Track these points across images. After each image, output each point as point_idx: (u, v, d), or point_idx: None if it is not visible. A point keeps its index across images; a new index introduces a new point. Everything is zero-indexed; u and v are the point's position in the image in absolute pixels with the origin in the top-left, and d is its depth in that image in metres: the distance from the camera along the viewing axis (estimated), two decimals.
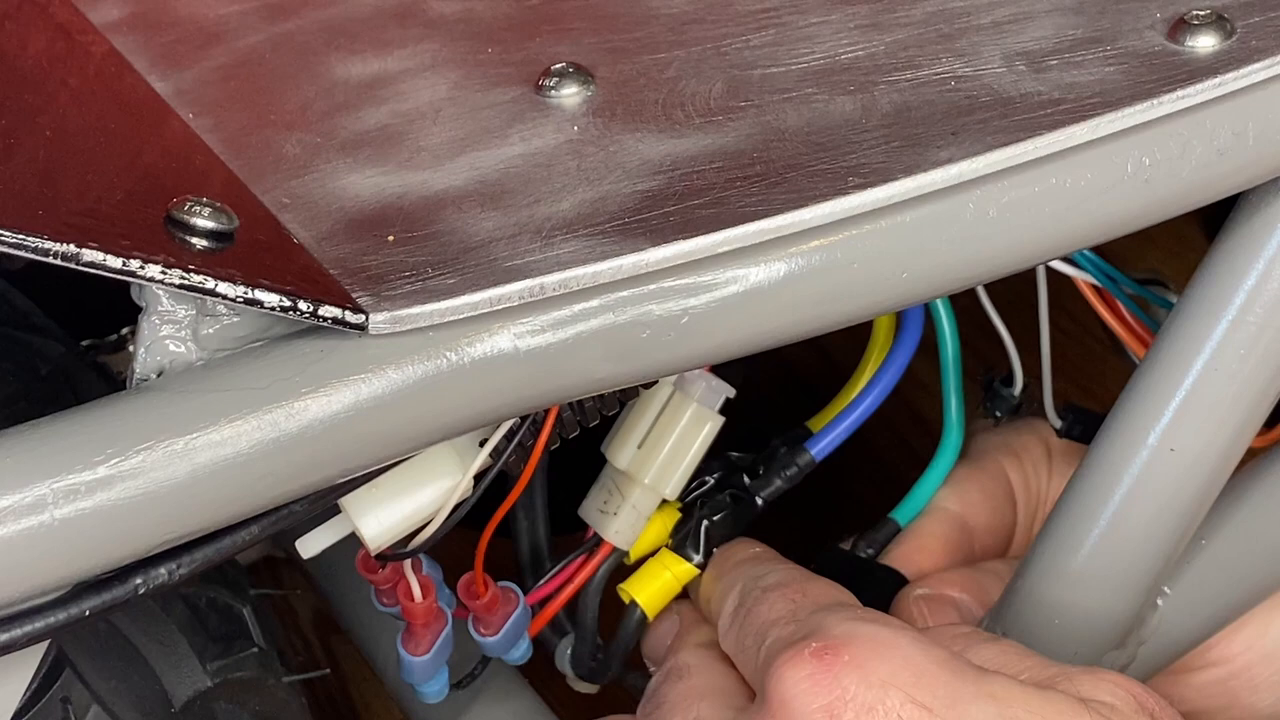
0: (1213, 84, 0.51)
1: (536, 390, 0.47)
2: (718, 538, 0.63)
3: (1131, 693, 0.52)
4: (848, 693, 0.50)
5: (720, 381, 0.62)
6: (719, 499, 0.64)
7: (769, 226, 0.47)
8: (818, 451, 0.64)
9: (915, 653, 0.51)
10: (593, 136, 0.50)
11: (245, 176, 0.49)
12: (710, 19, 0.55)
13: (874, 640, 0.51)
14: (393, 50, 0.54)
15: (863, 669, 0.50)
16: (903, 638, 0.51)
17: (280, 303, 0.44)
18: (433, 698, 0.64)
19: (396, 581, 0.59)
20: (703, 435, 0.62)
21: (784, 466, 0.64)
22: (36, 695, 0.55)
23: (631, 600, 0.63)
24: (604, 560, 0.63)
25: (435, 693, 0.63)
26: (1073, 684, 0.52)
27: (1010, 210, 0.50)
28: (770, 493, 0.64)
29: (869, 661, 0.50)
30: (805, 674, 0.50)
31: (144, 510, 0.43)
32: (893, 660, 0.50)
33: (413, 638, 0.61)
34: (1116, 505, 0.59)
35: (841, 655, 0.50)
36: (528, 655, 0.64)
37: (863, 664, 0.50)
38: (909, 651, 0.51)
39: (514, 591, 0.62)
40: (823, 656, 0.50)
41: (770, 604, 0.56)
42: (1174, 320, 0.57)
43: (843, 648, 0.50)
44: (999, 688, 0.50)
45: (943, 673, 0.50)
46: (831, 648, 0.51)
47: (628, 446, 0.62)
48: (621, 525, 0.62)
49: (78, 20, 0.53)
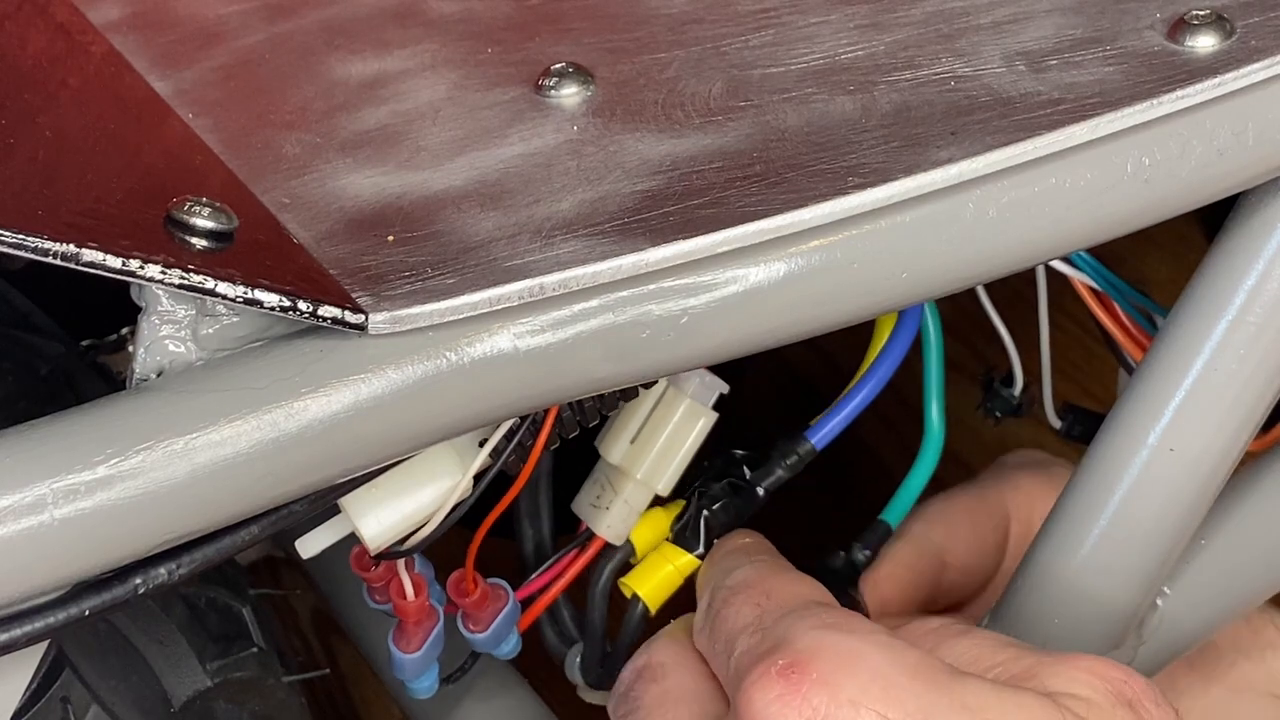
0: (1212, 84, 0.51)
1: (536, 390, 0.47)
2: (718, 528, 0.63)
3: (1108, 679, 0.51)
4: (818, 712, 0.49)
5: (714, 377, 0.62)
6: (718, 488, 0.63)
7: (769, 226, 0.47)
8: (818, 440, 0.64)
9: (884, 664, 0.50)
10: (592, 136, 0.50)
11: (245, 176, 0.49)
12: (710, 19, 0.55)
13: (841, 653, 0.50)
14: (393, 50, 0.54)
15: (831, 686, 0.49)
16: (870, 647, 0.50)
17: (280, 303, 0.44)
18: (423, 693, 0.64)
19: (389, 579, 0.59)
20: (695, 431, 0.62)
21: (784, 456, 0.64)
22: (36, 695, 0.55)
23: (634, 594, 0.63)
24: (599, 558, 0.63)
25: (425, 688, 0.63)
26: (1047, 677, 0.51)
27: (1010, 210, 0.50)
28: (771, 482, 0.64)
29: (837, 677, 0.49)
30: (774, 695, 0.49)
31: (144, 510, 0.43)
32: (861, 675, 0.49)
33: (404, 635, 0.61)
34: (1116, 505, 0.59)
35: (809, 673, 0.49)
36: (516, 650, 0.64)
37: (831, 681, 0.49)
38: (877, 663, 0.50)
39: (503, 588, 0.62)
40: (789, 675, 0.49)
41: (736, 608, 0.56)
42: (1173, 320, 0.57)
43: (809, 663, 0.49)
44: (972, 695, 0.49)
45: (914, 684, 0.49)
46: (799, 665, 0.50)
47: (621, 441, 0.62)
48: (614, 520, 0.62)
49: (78, 20, 0.53)
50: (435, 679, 0.64)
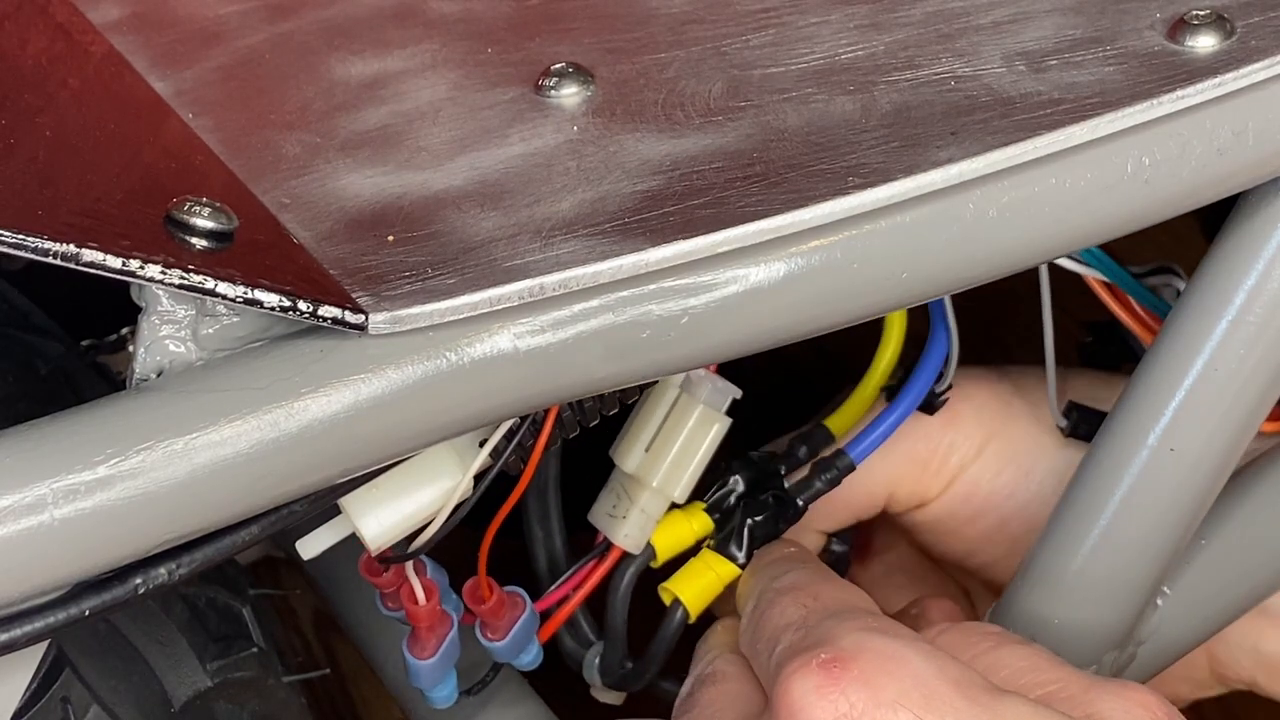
0: (1212, 84, 0.51)
1: (536, 390, 0.47)
2: (760, 537, 0.63)
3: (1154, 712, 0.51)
4: (855, 709, 0.49)
5: (726, 383, 0.62)
6: (762, 499, 0.64)
7: (769, 226, 0.47)
8: (857, 455, 0.65)
9: (926, 670, 0.50)
10: (592, 136, 0.50)
11: (245, 176, 0.49)
12: (710, 19, 0.55)
13: (884, 655, 0.50)
14: (393, 50, 0.54)
15: (871, 685, 0.49)
16: (914, 653, 0.50)
17: (280, 303, 0.44)
18: (441, 703, 0.63)
19: (400, 585, 0.59)
20: (710, 437, 0.62)
21: (824, 470, 0.65)
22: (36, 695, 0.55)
23: (675, 599, 0.63)
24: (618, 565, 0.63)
25: (444, 698, 0.63)
26: (1096, 703, 0.51)
27: (1010, 210, 0.50)
28: (810, 495, 0.65)
29: (878, 678, 0.49)
30: (812, 685, 0.49)
31: (144, 510, 0.43)
32: (903, 678, 0.49)
33: (417, 641, 0.61)
34: (1116, 505, 0.59)
35: (850, 669, 0.49)
36: (538, 660, 0.64)
37: (871, 680, 0.49)
38: (920, 669, 0.50)
39: (521, 596, 0.62)
40: (830, 669, 0.49)
41: (782, 608, 0.56)
42: (1174, 320, 0.57)
43: (852, 660, 0.50)
44: (1011, 713, 0.49)
45: (954, 694, 0.49)
46: (840, 660, 0.50)
47: (635, 450, 0.62)
48: (631, 529, 0.62)
49: (78, 20, 0.53)
50: (454, 688, 0.63)
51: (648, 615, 0.64)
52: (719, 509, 0.64)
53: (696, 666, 0.60)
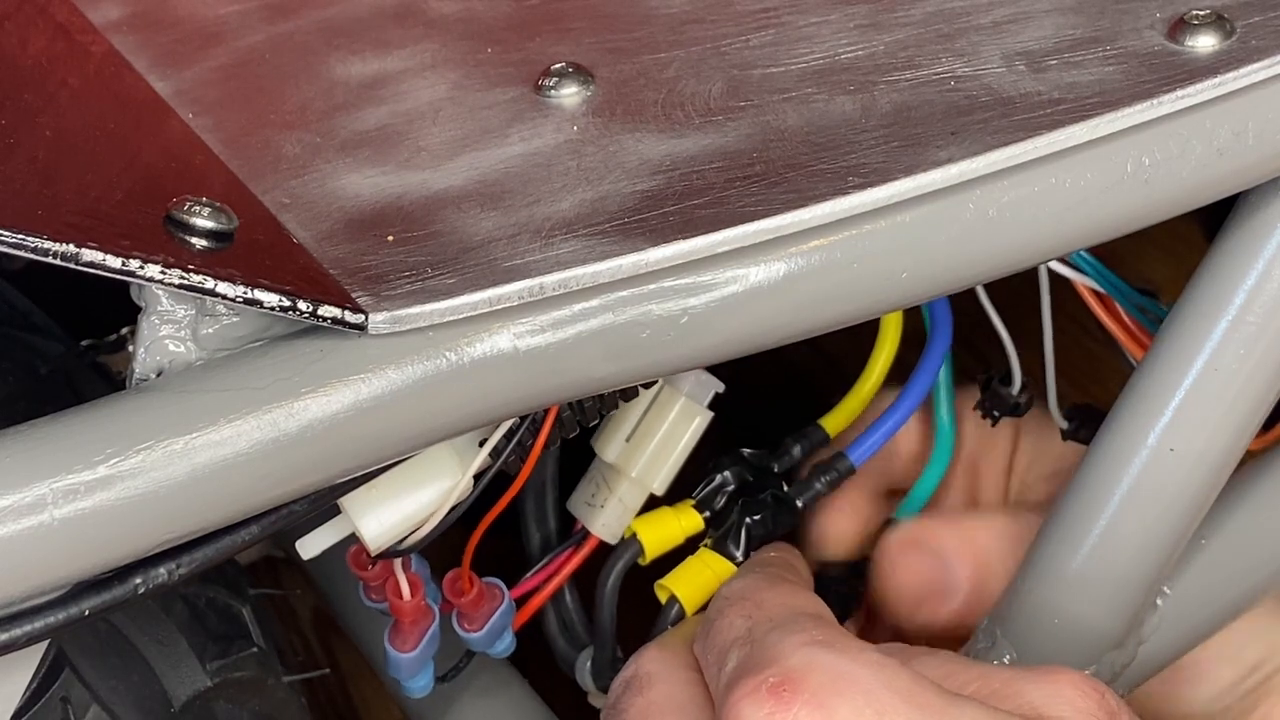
0: (1212, 84, 0.51)
1: (536, 390, 0.47)
2: (759, 537, 0.63)
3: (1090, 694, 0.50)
4: None
5: (709, 376, 0.62)
6: (761, 499, 0.64)
7: (769, 226, 0.47)
8: (856, 458, 0.65)
9: (875, 685, 0.49)
10: (592, 136, 0.50)
11: (245, 176, 0.49)
12: (710, 19, 0.55)
13: (833, 673, 0.49)
14: (392, 50, 0.54)
15: (824, 707, 0.48)
16: (861, 668, 0.49)
17: (280, 303, 0.44)
18: (418, 692, 0.64)
19: (386, 578, 0.59)
20: (691, 429, 0.62)
21: (824, 472, 0.65)
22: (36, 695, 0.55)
23: (671, 596, 0.63)
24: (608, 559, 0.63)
25: (420, 687, 0.63)
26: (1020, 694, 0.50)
27: (1010, 210, 0.50)
28: (809, 497, 0.65)
29: (830, 699, 0.48)
30: (765, 712, 0.48)
31: (144, 510, 0.43)
32: (854, 696, 0.48)
33: (400, 634, 0.61)
34: (1116, 505, 0.59)
35: (800, 692, 0.48)
36: (511, 649, 0.64)
37: (824, 702, 0.48)
38: (869, 684, 0.49)
39: (499, 588, 0.62)
40: (780, 694, 0.48)
41: (729, 619, 0.55)
42: (1173, 320, 0.57)
43: (801, 682, 0.49)
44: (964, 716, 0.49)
45: (907, 707, 0.48)
46: (789, 682, 0.49)
47: (616, 439, 0.63)
48: (608, 518, 0.63)
49: (78, 20, 0.53)
50: (430, 678, 0.64)
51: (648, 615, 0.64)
52: (709, 506, 0.64)
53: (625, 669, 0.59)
